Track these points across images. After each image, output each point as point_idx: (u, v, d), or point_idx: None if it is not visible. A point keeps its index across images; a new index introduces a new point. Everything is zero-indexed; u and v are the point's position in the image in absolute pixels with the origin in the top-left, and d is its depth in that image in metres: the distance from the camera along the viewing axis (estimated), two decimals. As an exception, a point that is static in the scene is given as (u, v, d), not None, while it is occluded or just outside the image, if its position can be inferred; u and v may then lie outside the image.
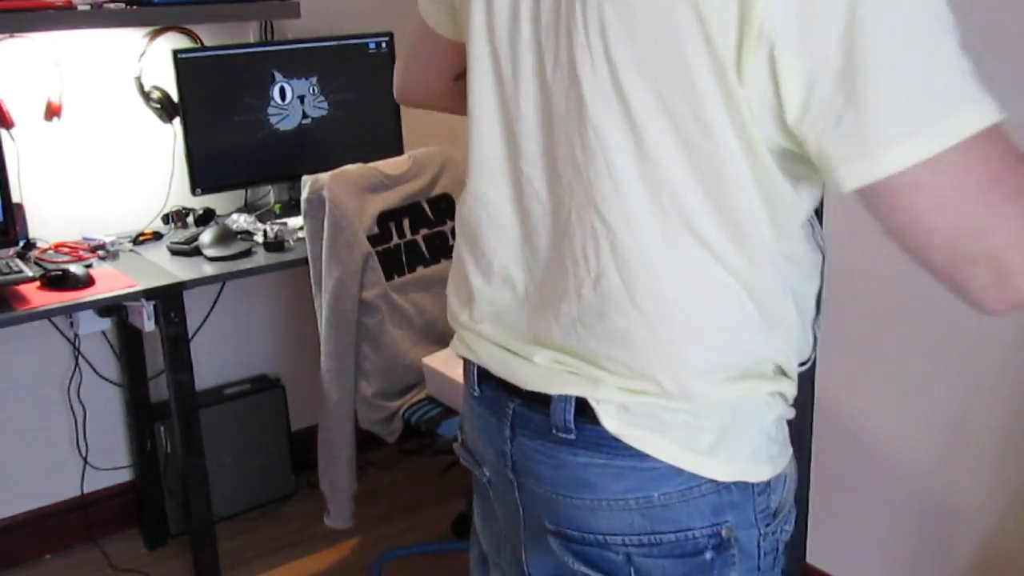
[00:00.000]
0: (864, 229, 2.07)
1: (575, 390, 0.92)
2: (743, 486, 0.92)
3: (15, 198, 2.21)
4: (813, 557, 2.21)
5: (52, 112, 2.37)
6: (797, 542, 1.31)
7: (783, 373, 0.94)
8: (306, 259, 2.20)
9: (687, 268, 0.87)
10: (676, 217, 0.85)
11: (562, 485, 0.95)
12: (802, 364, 0.98)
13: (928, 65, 0.72)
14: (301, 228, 2.24)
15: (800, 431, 1.25)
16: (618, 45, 0.82)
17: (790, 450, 0.99)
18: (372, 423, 2.26)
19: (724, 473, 0.91)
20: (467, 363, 1.07)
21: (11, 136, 2.31)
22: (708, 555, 0.92)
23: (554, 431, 0.94)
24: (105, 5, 2.26)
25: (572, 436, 0.93)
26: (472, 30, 0.97)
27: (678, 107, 0.81)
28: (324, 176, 2.11)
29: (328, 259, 2.12)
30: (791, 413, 0.98)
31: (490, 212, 1.00)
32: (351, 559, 2.55)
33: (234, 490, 2.68)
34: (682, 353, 0.88)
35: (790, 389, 0.96)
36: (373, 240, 2.20)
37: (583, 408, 0.92)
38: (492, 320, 1.02)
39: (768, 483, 0.94)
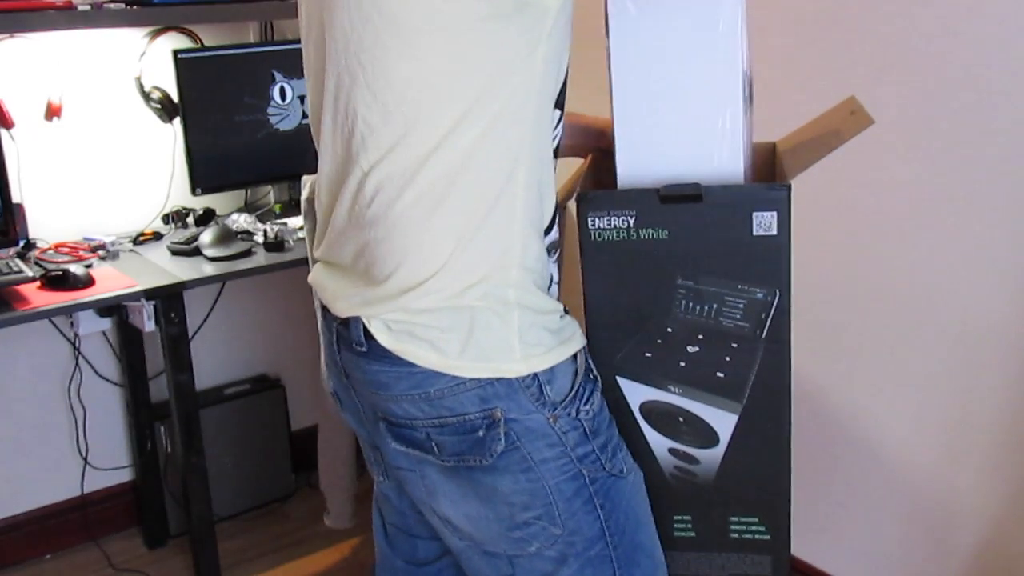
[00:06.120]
0: (858, 228, 2.07)
1: (358, 312, 1.11)
2: (505, 381, 1.09)
3: (15, 198, 2.21)
4: (811, 556, 2.21)
5: (52, 112, 2.37)
6: (780, 540, 1.31)
7: (524, 271, 1.09)
8: (306, 259, 2.20)
9: (419, 164, 1.04)
10: (410, 112, 1.03)
11: (371, 385, 1.15)
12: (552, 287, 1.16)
13: None
14: (301, 228, 2.23)
15: (777, 422, 1.26)
16: None
17: (565, 352, 1.13)
18: (372, 423, 2.26)
19: (475, 371, 1.08)
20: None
21: (11, 136, 2.31)
22: (481, 432, 1.11)
23: (354, 345, 1.14)
24: (105, 5, 2.25)
25: (364, 349, 1.12)
26: None
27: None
28: (324, 176, 2.11)
29: (328, 259, 2.12)
30: (553, 320, 1.12)
31: (318, 143, 1.18)
32: (351, 559, 2.54)
33: (234, 490, 2.68)
34: (421, 238, 1.05)
35: (535, 300, 1.10)
36: (373, 240, 2.20)
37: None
38: (323, 250, 1.21)
39: (534, 377, 1.09)
